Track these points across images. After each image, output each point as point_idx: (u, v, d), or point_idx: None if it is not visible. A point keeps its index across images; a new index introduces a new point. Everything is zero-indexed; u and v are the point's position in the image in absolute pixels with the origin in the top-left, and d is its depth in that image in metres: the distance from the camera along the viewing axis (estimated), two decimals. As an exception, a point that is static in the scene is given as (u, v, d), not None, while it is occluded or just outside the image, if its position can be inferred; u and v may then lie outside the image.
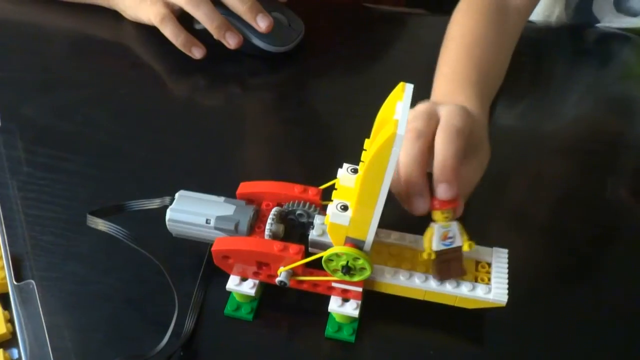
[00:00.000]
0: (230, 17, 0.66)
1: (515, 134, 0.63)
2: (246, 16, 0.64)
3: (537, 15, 0.85)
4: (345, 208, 0.40)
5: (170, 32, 0.66)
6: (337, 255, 0.41)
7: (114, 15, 0.72)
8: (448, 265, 0.43)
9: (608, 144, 0.63)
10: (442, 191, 0.42)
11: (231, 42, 0.66)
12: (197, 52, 0.67)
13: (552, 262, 0.51)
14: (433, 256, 0.42)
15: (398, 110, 0.37)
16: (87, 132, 0.60)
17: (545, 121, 0.65)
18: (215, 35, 0.66)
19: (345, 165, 0.43)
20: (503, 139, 0.62)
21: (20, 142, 0.58)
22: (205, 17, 0.64)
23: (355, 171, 0.43)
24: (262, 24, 0.65)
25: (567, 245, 0.53)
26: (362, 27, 0.76)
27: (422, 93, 0.67)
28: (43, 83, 0.65)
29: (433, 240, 0.42)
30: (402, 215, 0.44)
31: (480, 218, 0.47)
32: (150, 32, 0.68)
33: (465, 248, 0.42)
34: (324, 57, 0.71)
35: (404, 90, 0.38)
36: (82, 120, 0.61)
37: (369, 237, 0.41)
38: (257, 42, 0.67)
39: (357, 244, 0.42)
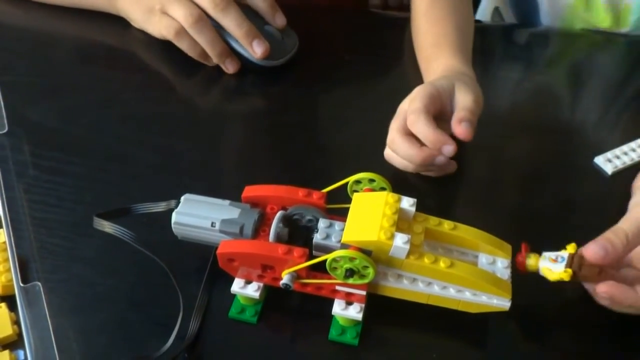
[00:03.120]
0: (225, 33, 0.66)
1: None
2: (243, 41, 0.66)
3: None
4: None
5: (188, 45, 0.67)
6: (341, 258, 0.42)
7: (120, 21, 0.73)
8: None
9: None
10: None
11: (230, 68, 0.68)
12: (230, 67, 0.68)
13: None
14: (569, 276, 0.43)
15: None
16: (93, 135, 0.60)
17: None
18: (216, 61, 0.68)
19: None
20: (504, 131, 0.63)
21: (27, 146, 0.58)
22: (208, 44, 0.66)
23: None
24: (257, 49, 0.67)
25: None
26: (367, 32, 0.77)
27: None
28: (50, 87, 0.66)
29: (551, 268, 0.44)
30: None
31: (484, 220, 0.48)
32: (155, 37, 0.69)
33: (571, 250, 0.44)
34: (329, 61, 0.72)
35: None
36: (88, 124, 0.62)
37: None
38: (249, 56, 0.67)
39: (363, 249, 0.42)
